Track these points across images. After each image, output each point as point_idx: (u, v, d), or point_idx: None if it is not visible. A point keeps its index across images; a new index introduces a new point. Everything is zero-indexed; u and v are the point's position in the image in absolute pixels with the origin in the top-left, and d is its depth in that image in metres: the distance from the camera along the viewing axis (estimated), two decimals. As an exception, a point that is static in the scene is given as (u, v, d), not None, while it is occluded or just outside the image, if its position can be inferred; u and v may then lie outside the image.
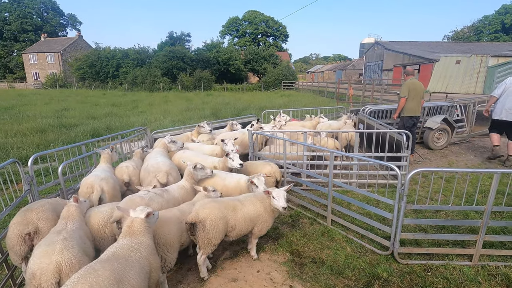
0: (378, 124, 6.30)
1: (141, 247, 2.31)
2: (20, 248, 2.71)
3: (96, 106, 19.29)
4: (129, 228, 2.44)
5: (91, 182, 3.59)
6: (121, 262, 2.09)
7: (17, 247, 2.70)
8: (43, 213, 2.86)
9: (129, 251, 2.22)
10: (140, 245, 2.32)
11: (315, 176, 4.63)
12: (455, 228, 3.96)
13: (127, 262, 2.12)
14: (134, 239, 2.35)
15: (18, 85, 48.10)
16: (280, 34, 59.65)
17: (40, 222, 2.80)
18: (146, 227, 2.48)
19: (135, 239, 2.35)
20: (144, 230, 2.45)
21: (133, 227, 2.44)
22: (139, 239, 2.36)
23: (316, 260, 3.40)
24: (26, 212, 2.84)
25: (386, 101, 15.11)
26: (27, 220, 2.77)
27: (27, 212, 2.84)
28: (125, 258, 2.14)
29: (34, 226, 2.76)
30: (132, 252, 2.23)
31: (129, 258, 2.17)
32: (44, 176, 4.90)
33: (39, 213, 2.84)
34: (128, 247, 2.25)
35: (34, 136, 9.46)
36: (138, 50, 40.75)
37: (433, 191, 5.24)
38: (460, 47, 33.04)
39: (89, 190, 3.54)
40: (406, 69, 7.04)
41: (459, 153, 7.83)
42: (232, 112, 14.87)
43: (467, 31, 55.32)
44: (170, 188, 3.76)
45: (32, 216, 2.80)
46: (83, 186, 3.62)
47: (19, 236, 2.69)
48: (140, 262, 2.21)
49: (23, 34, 55.93)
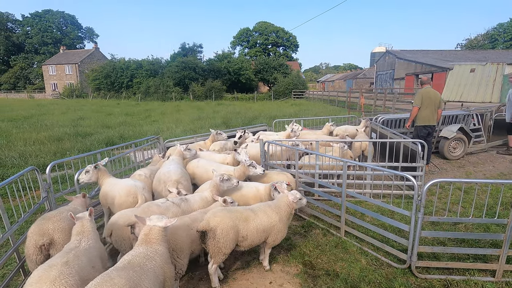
0: (392, 133, 6.19)
1: (156, 256, 2.31)
2: (36, 257, 2.74)
3: (110, 115, 19.79)
4: (146, 236, 2.45)
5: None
6: (137, 270, 2.10)
7: (33, 256, 2.74)
8: (59, 223, 2.88)
9: (145, 260, 2.23)
10: (155, 254, 2.32)
11: (328, 186, 4.57)
12: (475, 242, 3.80)
13: (142, 271, 2.12)
14: (150, 248, 2.35)
15: (37, 95, 50.11)
16: (290, 44, 60.18)
17: (56, 233, 2.82)
18: (163, 235, 2.49)
19: (151, 248, 2.36)
20: (160, 239, 2.46)
21: (150, 236, 2.45)
22: (154, 248, 2.36)
23: (330, 273, 3.31)
24: (42, 221, 2.86)
25: (398, 110, 14.90)
26: (43, 231, 2.80)
27: (44, 221, 2.86)
28: (140, 267, 2.15)
29: (49, 238, 2.79)
30: (147, 260, 2.23)
31: (144, 266, 2.17)
32: (60, 183, 5.02)
33: (55, 223, 2.86)
34: (144, 256, 2.26)
35: (52, 145, 9.75)
36: (151, 61, 41.87)
37: (451, 203, 5.07)
38: (474, 55, 32.46)
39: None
40: (421, 78, 6.95)
41: (477, 164, 7.58)
42: (242, 121, 14.95)
43: (481, 39, 54.33)
44: (190, 198, 3.68)
45: (48, 227, 2.83)
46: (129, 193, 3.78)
47: (35, 246, 2.74)
48: (155, 271, 2.21)
49: (44, 47, 58.68)
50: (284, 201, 3.41)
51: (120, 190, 3.70)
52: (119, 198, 3.65)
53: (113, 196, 3.70)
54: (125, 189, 3.69)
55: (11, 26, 60.75)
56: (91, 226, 2.71)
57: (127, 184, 3.79)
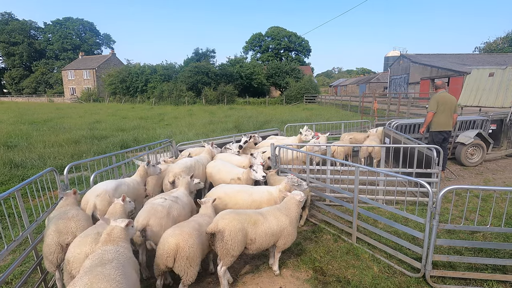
0: (406, 138, 6.07)
1: (126, 251, 2.50)
2: (57, 256, 2.83)
3: (125, 119, 20.28)
4: (109, 236, 2.57)
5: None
6: (115, 262, 2.27)
7: (54, 254, 2.82)
8: (80, 222, 2.99)
9: (117, 254, 2.37)
10: (125, 249, 2.49)
11: (339, 191, 4.51)
12: (494, 252, 3.66)
13: (119, 262, 2.30)
14: (116, 245, 2.50)
15: (57, 99, 51.96)
16: (302, 48, 60.12)
17: (78, 231, 2.91)
18: (125, 235, 2.61)
19: (117, 245, 2.50)
20: (123, 238, 2.57)
21: (113, 235, 2.57)
22: (121, 245, 2.52)
23: (341, 279, 3.26)
24: (64, 221, 2.94)
25: (413, 115, 14.59)
26: (67, 229, 2.88)
27: (66, 221, 2.94)
28: (116, 259, 2.33)
29: (73, 236, 2.87)
30: (119, 254, 2.41)
31: (119, 258, 2.36)
32: (77, 184, 5.17)
33: (77, 222, 2.96)
34: (115, 251, 2.41)
35: (69, 147, 10.07)
36: (165, 66, 42.77)
37: (468, 211, 4.90)
38: (493, 58, 31.47)
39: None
40: (436, 82, 6.79)
41: (495, 171, 7.31)
42: (254, 126, 15.00)
43: (500, 42, 52.58)
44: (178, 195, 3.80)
45: (71, 225, 2.92)
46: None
47: (58, 244, 2.82)
48: (129, 263, 2.41)
49: (63, 53, 61.10)
50: (292, 202, 3.41)
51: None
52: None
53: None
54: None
55: (34, 34, 63.57)
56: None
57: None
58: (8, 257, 3.76)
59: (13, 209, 3.46)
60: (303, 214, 4.56)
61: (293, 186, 3.85)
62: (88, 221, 3.14)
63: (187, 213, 3.61)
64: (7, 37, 58.73)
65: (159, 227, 3.14)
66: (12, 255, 3.82)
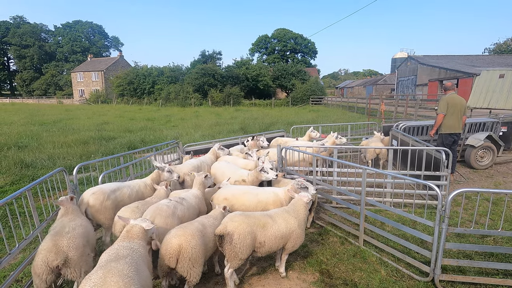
0: (414, 140, 6.00)
1: (141, 248, 2.58)
2: (46, 277, 2.52)
3: (133, 120, 20.50)
4: (128, 233, 2.67)
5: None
6: (129, 258, 2.35)
7: (43, 275, 2.51)
8: (74, 240, 2.68)
9: (131, 251, 2.46)
10: (139, 246, 2.57)
11: (346, 193, 4.48)
12: (505, 256, 3.58)
13: (133, 258, 2.38)
14: (132, 242, 2.58)
15: (66, 100, 52.87)
16: (308, 50, 60.05)
17: (71, 250, 2.62)
18: (144, 234, 2.70)
19: (133, 242, 2.58)
20: (141, 236, 2.66)
21: (132, 232, 2.67)
22: (136, 242, 2.59)
23: (348, 282, 3.23)
24: (56, 237, 2.64)
25: (421, 117, 14.43)
26: (57, 249, 2.57)
27: (58, 238, 2.64)
28: (130, 256, 2.40)
29: (64, 257, 2.58)
30: (133, 251, 2.47)
31: (133, 254, 2.43)
32: (85, 184, 5.25)
33: (70, 240, 2.66)
34: (129, 248, 2.49)
35: (78, 148, 10.22)
36: (172, 68, 43.20)
37: (478, 214, 4.81)
38: (503, 60, 30.95)
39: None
40: (445, 84, 6.70)
41: (506, 174, 7.17)
42: (260, 127, 15.01)
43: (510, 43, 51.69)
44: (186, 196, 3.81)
45: (63, 244, 2.61)
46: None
47: (47, 265, 2.51)
48: (143, 260, 2.48)
49: (73, 55, 62.26)
50: (300, 204, 3.40)
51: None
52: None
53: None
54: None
55: (44, 36, 64.98)
56: (144, 233, 2.76)
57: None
58: (18, 256, 3.83)
59: (24, 208, 3.53)
60: (309, 216, 4.54)
61: (300, 189, 3.82)
62: (87, 234, 2.92)
63: (191, 215, 3.59)
64: (19, 40, 60.17)
65: (164, 226, 3.16)
66: (22, 253, 3.88)
